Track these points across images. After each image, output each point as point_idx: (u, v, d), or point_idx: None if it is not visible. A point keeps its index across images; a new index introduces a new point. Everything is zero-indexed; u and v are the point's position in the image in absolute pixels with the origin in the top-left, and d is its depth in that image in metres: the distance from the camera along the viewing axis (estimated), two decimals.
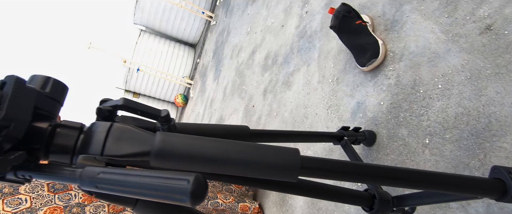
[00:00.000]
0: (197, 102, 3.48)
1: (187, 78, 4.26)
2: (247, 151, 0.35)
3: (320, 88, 1.12)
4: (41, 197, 0.93)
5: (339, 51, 1.07)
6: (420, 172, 0.42)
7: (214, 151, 0.35)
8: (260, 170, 0.35)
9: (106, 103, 0.37)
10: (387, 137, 0.76)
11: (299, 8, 1.52)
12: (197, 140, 0.36)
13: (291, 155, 0.36)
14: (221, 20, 3.53)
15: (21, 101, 0.30)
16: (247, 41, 2.23)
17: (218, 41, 3.31)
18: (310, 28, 1.34)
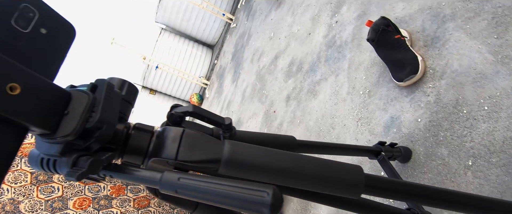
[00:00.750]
0: (213, 103, 3.51)
1: (204, 79, 4.31)
2: (314, 165, 0.36)
3: (350, 100, 1.11)
4: (72, 187, 0.96)
5: (372, 63, 1.06)
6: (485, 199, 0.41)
7: (282, 163, 0.36)
8: (325, 185, 0.35)
9: (177, 109, 0.38)
10: (425, 155, 0.75)
11: (328, 18, 1.52)
12: (265, 151, 0.37)
13: (356, 172, 0.36)
14: (241, 23, 3.56)
15: (111, 105, 0.31)
16: (269, 46, 2.25)
17: (238, 44, 3.33)
18: (340, 38, 1.33)
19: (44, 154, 0.30)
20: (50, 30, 0.31)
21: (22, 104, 0.27)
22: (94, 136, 0.30)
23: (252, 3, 3.35)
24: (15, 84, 0.26)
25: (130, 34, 4.45)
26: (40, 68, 0.29)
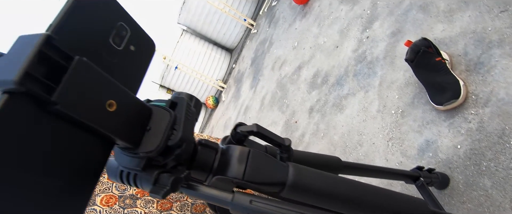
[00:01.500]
0: (229, 107, 3.53)
1: (221, 82, 4.35)
2: (379, 195, 0.35)
3: (380, 118, 1.10)
4: (100, 184, 0.98)
5: (406, 83, 1.05)
6: None
7: (347, 191, 0.36)
8: None
9: (242, 127, 0.39)
10: (464, 183, 0.72)
11: (358, 32, 1.51)
12: (329, 177, 0.37)
13: (421, 206, 0.35)
14: (263, 29, 3.59)
15: (189, 122, 0.32)
16: (292, 55, 2.25)
17: (258, 50, 3.35)
18: (371, 54, 1.32)
19: (124, 166, 0.31)
20: (137, 47, 0.32)
21: (116, 120, 0.28)
22: (174, 153, 0.30)
23: (275, 10, 3.37)
24: (112, 101, 0.27)
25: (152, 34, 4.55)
26: (128, 84, 0.30)
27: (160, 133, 0.30)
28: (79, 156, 0.26)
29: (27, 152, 0.22)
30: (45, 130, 0.23)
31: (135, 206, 1.00)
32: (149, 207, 1.03)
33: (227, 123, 3.30)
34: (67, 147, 0.25)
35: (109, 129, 0.27)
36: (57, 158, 0.24)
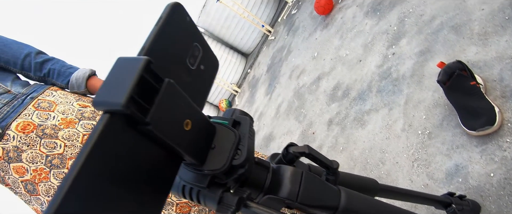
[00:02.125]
0: None
1: (235, 86, 4.38)
2: None
3: (405, 137, 1.08)
4: None
5: (435, 104, 1.03)
6: None
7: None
8: None
9: (294, 148, 0.39)
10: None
11: (383, 47, 1.50)
12: (379, 205, 0.37)
13: None
14: (281, 36, 3.60)
15: (251, 142, 0.33)
16: (312, 65, 2.25)
17: (275, 57, 3.37)
18: (397, 71, 1.31)
19: (187, 181, 0.32)
20: (206, 66, 0.33)
21: (190, 139, 0.29)
22: (237, 173, 0.31)
23: (294, 19, 3.39)
24: (189, 120, 0.28)
25: None
26: (197, 102, 0.31)
27: (225, 152, 0.31)
28: (155, 172, 0.27)
29: (118, 167, 0.23)
30: (133, 147, 0.24)
31: None
32: (169, 210, 1.03)
33: None
34: (146, 163, 0.26)
35: (184, 147, 0.28)
36: (138, 174, 0.25)
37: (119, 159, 0.23)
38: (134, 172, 0.25)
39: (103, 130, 0.21)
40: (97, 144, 0.21)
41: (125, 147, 0.24)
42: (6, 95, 0.93)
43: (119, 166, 0.23)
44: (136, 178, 0.25)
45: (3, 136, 0.90)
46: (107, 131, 0.21)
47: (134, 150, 0.24)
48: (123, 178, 0.24)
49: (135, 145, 0.24)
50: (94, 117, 0.97)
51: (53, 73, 1.02)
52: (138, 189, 0.25)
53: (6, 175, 0.94)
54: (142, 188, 0.26)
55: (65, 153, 0.92)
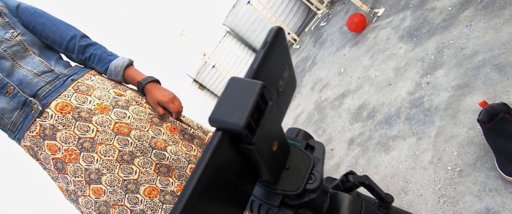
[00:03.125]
0: None
1: None
2: None
3: (432, 170, 1.06)
4: (146, 174, 1.01)
5: (470, 142, 1.01)
6: None
7: None
8: None
9: (354, 177, 0.40)
10: None
11: (417, 75, 1.48)
12: None
13: None
14: (306, 47, 3.61)
15: (323, 168, 0.34)
16: (336, 81, 2.24)
17: (298, 66, 3.37)
18: (430, 101, 1.29)
19: (257, 197, 0.33)
20: (288, 87, 0.34)
21: (273, 158, 0.29)
22: (308, 197, 0.32)
23: (322, 31, 3.38)
24: (276, 141, 0.29)
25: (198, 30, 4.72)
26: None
27: (300, 175, 0.32)
28: (239, 186, 0.28)
29: (219, 179, 0.24)
30: (229, 162, 0.26)
31: (172, 204, 1.02)
32: None
33: None
34: (235, 177, 0.27)
35: (269, 166, 0.29)
36: (229, 187, 0.26)
37: (220, 172, 0.24)
38: (227, 185, 0.26)
39: (217, 145, 0.22)
40: (211, 157, 0.22)
41: (226, 161, 0.25)
42: (49, 74, 0.96)
43: (220, 178, 0.24)
44: (228, 191, 0.26)
45: (42, 113, 0.93)
46: (219, 146, 0.23)
47: (229, 165, 0.25)
48: (219, 190, 0.25)
49: (230, 160, 0.25)
50: (127, 107, 0.99)
51: (94, 58, 1.05)
52: (228, 201, 0.27)
53: (40, 150, 0.98)
54: (230, 201, 0.27)
55: (96, 137, 0.94)
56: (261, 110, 0.25)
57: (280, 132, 0.30)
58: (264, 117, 0.25)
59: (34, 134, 0.95)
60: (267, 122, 0.26)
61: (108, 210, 0.94)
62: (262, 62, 0.27)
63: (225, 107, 0.23)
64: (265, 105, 0.26)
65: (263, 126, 0.25)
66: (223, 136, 0.23)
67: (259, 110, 0.25)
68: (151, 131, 1.00)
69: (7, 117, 0.94)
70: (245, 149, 0.25)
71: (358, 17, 2.37)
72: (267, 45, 0.28)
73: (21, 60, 0.94)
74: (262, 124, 0.25)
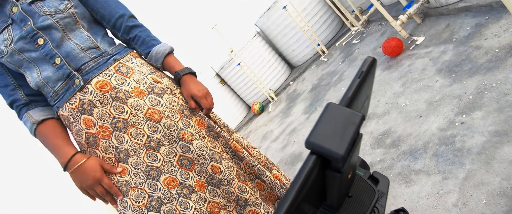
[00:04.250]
0: (274, 120, 3.55)
1: (272, 92, 4.40)
2: None
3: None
4: (169, 164, 1.02)
5: (502, 193, 0.97)
6: None
7: None
8: None
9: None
10: None
11: (451, 112, 1.44)
12: None
13: None
14: (334, 61, 3.57)
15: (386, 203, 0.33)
16: None
17: (324, 79, 3.34)
18: (462, 142, 1.25)
19: None
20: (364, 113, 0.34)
21: (345, 185, 0.30)
22: None
23: (354, 49, 3.34)
24: (352, 170, 0.29)
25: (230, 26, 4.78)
26: None
27: (362, 206, 0.32)
28: (312, 205, 0.29)
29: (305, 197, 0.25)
30: (313, 183, 0.26)
31: (189, 198, 1.01)
32: (201, 204, 1.04)
33: (267, 134, 3.32)
34: (311, 197, 0.28)
35: (340, 192, 0.29)
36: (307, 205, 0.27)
37: (308, 191, 0.25)
38: (307, 203, 0.26)
39: (311, 168, 0.23)
40: (305, 179, 0.22)
41: (310, 184, 0.25)
42: (94, 50, 0.99)
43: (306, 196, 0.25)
44: (305, 209, 0.27)
45: (82, 88, 0.96)
46: (313, 169, 0.23)
47: (311, 188, 0.26)
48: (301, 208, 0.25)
49: (313, 183, 0.26)
50: (162, 95, 1.01)
51: (138, 40, 1.07)
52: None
53: (75, 122, 1.01)
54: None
55: (129, 119, 0.97)
56: (354, 140, 0.26)
57: (356, 162, 0.30)
58: (355, 146, 0.26)
59: (73, 106, 0.97)
60: (356, 151, 0.26)
61: (127, 191, 0.96)
62: (356, 91, 0.27)
63: (324, 133, 0.24)
64: (356, 135, 0.26)
65: (353, 155, 0.26)
66: (317, 160, 0.23)
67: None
68: (180, 122, 1.00)
69: (51, 85, 0.97)
70: (330, 174, 0.25)
71: (396, 41, 2.32)
72: (363, 75, 0.28)
73: (70, 33, 0.97)
74: (352, 153, 0.25)
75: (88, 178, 0.94)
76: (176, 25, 4.66)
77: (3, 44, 0.94)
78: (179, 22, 4.81)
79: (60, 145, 0.99)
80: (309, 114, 2.83)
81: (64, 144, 1.00)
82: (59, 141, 1.01)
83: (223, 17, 4.75)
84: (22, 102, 1.04)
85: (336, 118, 0.24)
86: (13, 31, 0.94)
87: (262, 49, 4.63)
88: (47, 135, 1.01)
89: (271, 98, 4.40)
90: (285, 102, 3.84)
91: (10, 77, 1.03)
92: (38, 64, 0.96)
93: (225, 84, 4.78)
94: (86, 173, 0.94)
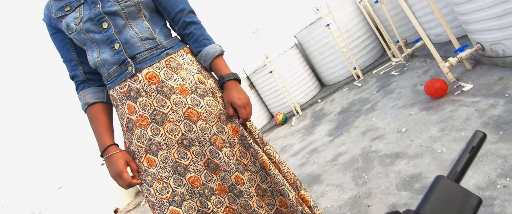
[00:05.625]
0: (296, 135, 3.53)
1: (299, 106, 4.37)
2: None
3: None
4: (196, 164, 1.04)
5: None
6: None
7: None
8: None
9: None
10: None
11: (493, 172, 1.36)
12: None
13: None
14: (369, 88, 3.50)
15: None
16: (393, 137, 2.14)
17: (354, 105, 3.28)
18: (502, 207, 1.17)
19: None
20: None
21: None
22: None
23: (392, 80, 3.25)
24: None
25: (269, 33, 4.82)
26: None
27: None
28: None
29: None
30: None
31: (209, 200, 1.03)
32: (218, 208, 1.05)
33: (286, 147, 3.30)
34: None
35: None
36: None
37: None
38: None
39: None
40: None
41: None
42: (151, 41, 1.03)
43: None
44: None
45: (133, 76, 1.01)
46: None
47: None
48: None
49: None
50: (204, 96, 1.04)
51: (192, 37, 1.11)
52: None
53: (121, 105, 1.07)
54: None
55: (168, 114, 1.01)
56: None
57: None
58: None
59: (122, 91, 1.04)
60: None
61: (152, 182, 1.00)
62: (466, 166, 0.27)
63: (436, 211, 0.24)
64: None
65: None
66: None
67: None
68: (215, 126, 1.03)
69: (107, 67, 1.04)
70: None
71: (440, 83, 2.24)
72: (474, 150, 0.28)
73: (132, 21, 1.02)
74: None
75: (112, 170, 1.02)
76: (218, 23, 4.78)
77: (74, 22, 1.01)
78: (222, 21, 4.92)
79: (101, 132, 1.08)
80: (333, 137, 2.79)
81: (104, 132, 1.09)
82: (101, 129, 1.09)
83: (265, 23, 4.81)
84: (80, 79, 1.13)
85: (448, 195, 0.25)
86: (83, 11, 1.02)
87: (296, 61, 4.63)
88: (93, 118, 1.10)
89: (296, 111, 4.38)
90: (310, 119, 3.80)
91: (74, 53, 1.11)
92: (99, 45, 1.03)
93: (253, 89, 4.82)
94: (112, 165, 1.03)
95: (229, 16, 4.99)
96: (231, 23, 4.97)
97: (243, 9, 4.91)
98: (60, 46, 1.10)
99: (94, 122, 1.09)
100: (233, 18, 4.97)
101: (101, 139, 1.06)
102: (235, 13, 4.96)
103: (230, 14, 4.99)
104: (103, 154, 1.04)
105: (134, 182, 1.01)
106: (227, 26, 4.92)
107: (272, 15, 5.03)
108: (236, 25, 4.91)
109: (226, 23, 4.96)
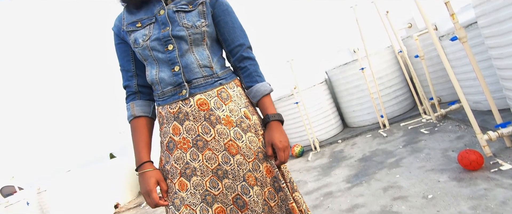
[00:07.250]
0: (311, 172, 3.45)
1: (318, 142, 4.31)
2: None
3: None
4: (224, 197, 1.04)
5: None
6: None
7: None
8: None
9: None
10: None
11: None
12: None
13: None
14: (394, 140, 3.40)
15: None
16: (418, 203, 2.04)
17: (377, 155, 3.18)
18: None
19: None
20: None
21: None
22: None
23: (421, 139, 3.15)
24: None
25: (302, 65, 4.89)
26: None
27: None
28: None
29: None
30: None
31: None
32: None
33: (300, 183, 3.22)
34: None
35: None
36: None
37: None
38: None
39: None
40: None
41: None
42: (207, 69, 1.07)
43: None
44: None
45: (185, 99, 1.05)
46: None
47: None
48: None
49: None
50: (246, 131, 1.05)
51: (245, 71, 1.15)
52: None
53: (166, 124, 1.10)
54: None
55: (210, 142, 1.03)
56: None
57: None
58: None
59: (172, 111, 1.08)
60: None
61: (180, 206, 1.01)
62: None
63: None
64: None
65: None
66: None
67: None
68: (252, 163, 1.04)
69: (162, 86, 1.09)
70: None
71: (476, 156, 2.14)
72: None
73: (195, 47, 1.07)
74: None
75: (143, 187, 1.04)
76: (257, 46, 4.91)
77: (142, 38, 1.08)
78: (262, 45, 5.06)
79: (140, 146, 1.12)
80: (351, 185, 2.70)
81: (143, 148, 1.13)
82: (141, 143, 1.13)
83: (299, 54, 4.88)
84: (132, 90, 1.19)
85: None
86: (153, 30, 1.08)
87: (323, 97, 4.63)
88: (136, 131, 1.14)
89: (314, 147, 4.31)
90: (328, 159, 3.71)
91: (133, 64, 1.18)
92: (160, 64, 1.08)
93: None
94: (144, 182, 1.05)
95: (269, 42, 5.13)
96: (269, 49, 5.09)
97: (283, 38, 5.04)
98: (122, 56, 1.17)
99: (136, 134, 1.12)
100: (272, 44, 5.11)
101: (138, 154, 1.09)
102: (275, 40, 5.10)
103: (270, 40, 5.13)
104: (138, 168, 1.06)
105: (160, 203, 1.02)
106: (265, 51, 5.05)
107: (308, 48, 5.12)
108: (273, 52, 5.03)
109: (265, 48, 5.09)
